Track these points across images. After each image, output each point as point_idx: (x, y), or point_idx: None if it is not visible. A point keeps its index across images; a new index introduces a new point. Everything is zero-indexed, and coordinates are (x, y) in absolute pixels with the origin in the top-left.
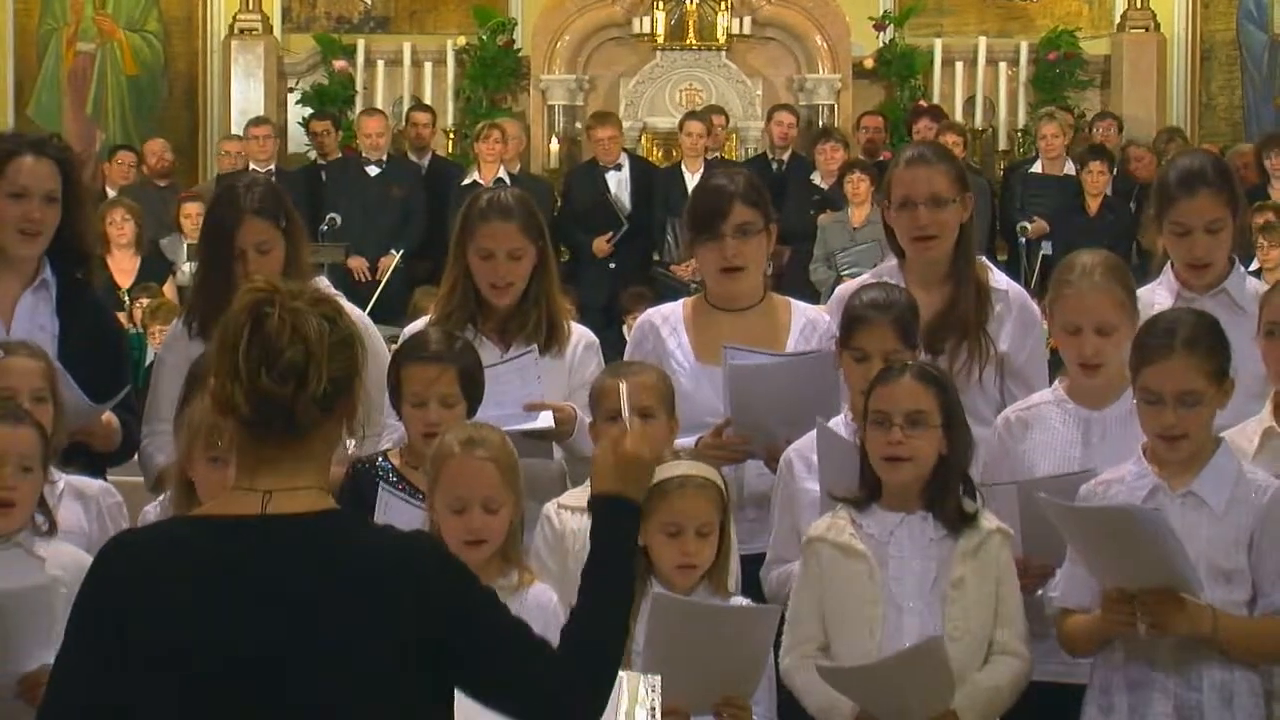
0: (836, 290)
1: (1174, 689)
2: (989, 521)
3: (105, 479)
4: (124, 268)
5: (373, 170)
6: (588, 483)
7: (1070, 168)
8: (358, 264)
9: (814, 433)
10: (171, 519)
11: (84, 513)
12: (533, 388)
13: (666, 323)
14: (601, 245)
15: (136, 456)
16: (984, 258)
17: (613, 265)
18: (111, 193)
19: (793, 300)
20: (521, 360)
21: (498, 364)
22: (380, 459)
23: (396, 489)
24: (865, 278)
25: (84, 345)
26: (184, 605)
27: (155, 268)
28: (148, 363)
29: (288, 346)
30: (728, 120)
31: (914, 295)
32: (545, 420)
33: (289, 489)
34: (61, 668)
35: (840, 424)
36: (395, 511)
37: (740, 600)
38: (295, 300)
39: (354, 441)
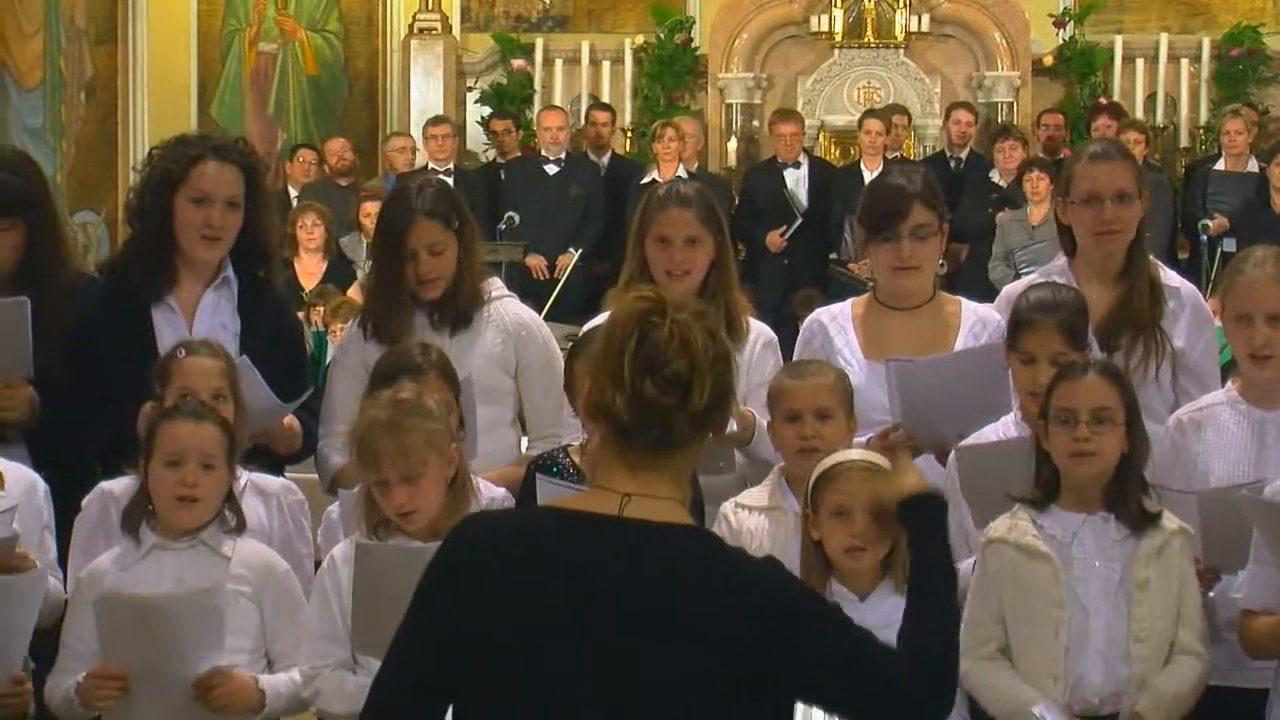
0: (1004, 289)
1: None
2: (1171, 522)
3: (284, 476)
4: (310, 271)
5: (551, 169)
6: (765, 483)
7: (1254, 165)
8: (536, 262)
9: (981, 431)
10: (530, 507)
11: (265, 510)
12: None
13: (835, 321)
14: (775, 239)
15: (313, 457)
16: (1153, 257)
17: (787, 261)
18: (293, 191)
19: (963, 299)
20: None
21: None
22: (560, 454)
23: (567, 481)
24: (1034, 277)
25: (265, 343)
26: (527, 595)
27: (340, 272)
28: (327, 361)
29: (674, 358)
30: (909, 120)
31: (1086, 292)
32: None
33: (647, 495)
34: (400, 642)
35: (1010, 423)
36: (549, 497)
37: None
38: (680, 313)
39: (529, 442)
